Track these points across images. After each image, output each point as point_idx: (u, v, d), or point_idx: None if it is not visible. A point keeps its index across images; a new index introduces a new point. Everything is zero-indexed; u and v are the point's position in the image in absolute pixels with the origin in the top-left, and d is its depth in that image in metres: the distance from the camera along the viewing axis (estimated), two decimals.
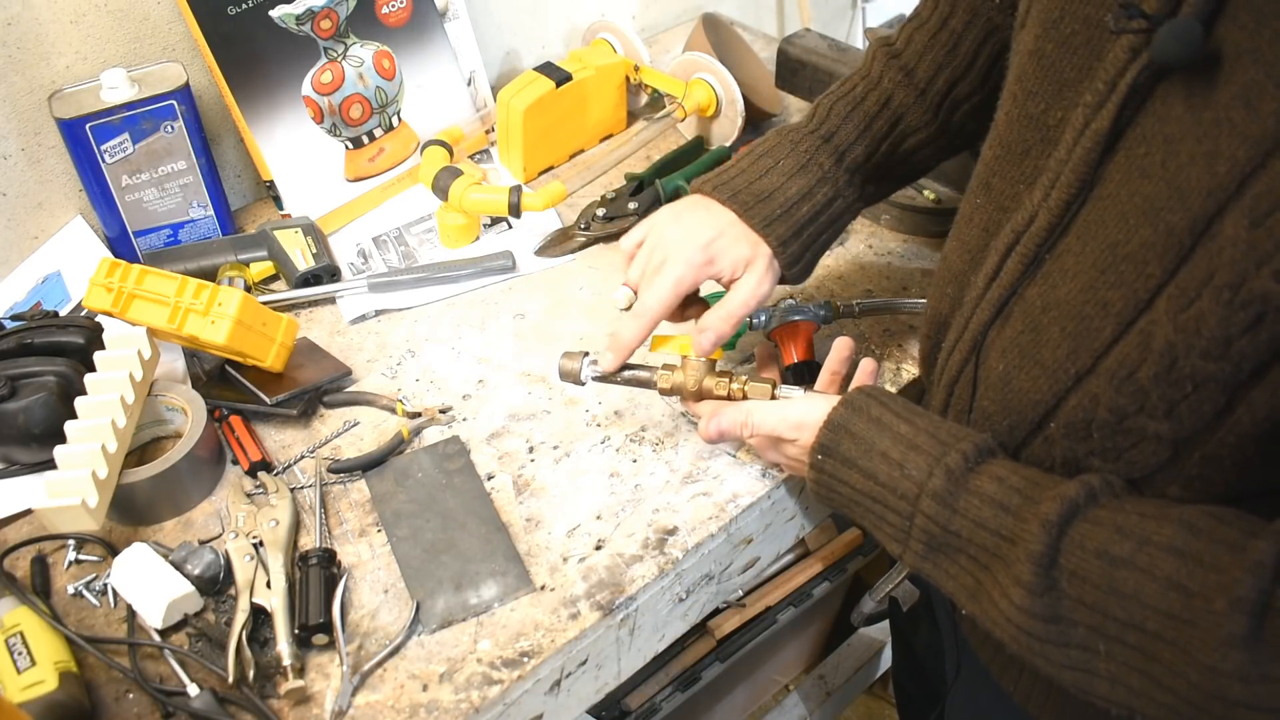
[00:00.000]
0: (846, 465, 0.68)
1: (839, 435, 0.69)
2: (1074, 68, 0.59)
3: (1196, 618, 0.50)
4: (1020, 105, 0.64)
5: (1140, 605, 0.52)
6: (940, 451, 0.63)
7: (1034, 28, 0.63)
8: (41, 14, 1.01)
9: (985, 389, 0.67)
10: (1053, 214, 0.60)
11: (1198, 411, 0.53)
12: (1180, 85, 0.52)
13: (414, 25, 1.20)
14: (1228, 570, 0.49)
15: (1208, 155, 0.50)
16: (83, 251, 1.09)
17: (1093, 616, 0.54)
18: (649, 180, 1.18)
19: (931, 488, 0.62)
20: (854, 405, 0.69)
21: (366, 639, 0.77)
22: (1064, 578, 0.55)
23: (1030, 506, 0.58)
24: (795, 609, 1.33)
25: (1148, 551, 0.52)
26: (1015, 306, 0.64)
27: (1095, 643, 0.54)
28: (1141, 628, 0.52)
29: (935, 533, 0.62)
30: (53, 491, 0.78)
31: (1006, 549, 0.58)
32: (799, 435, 0.73)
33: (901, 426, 0.66)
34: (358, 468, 0.88)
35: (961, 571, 0.61)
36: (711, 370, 0.82)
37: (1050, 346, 0.61)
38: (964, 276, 0.70)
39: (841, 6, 1.96)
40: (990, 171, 0.68)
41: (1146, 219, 0.54)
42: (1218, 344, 0.50)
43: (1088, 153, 0.57)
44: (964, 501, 0.61)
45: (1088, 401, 0.59)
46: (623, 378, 0.85)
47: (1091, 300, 0.57)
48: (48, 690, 0.70)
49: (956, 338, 0.70)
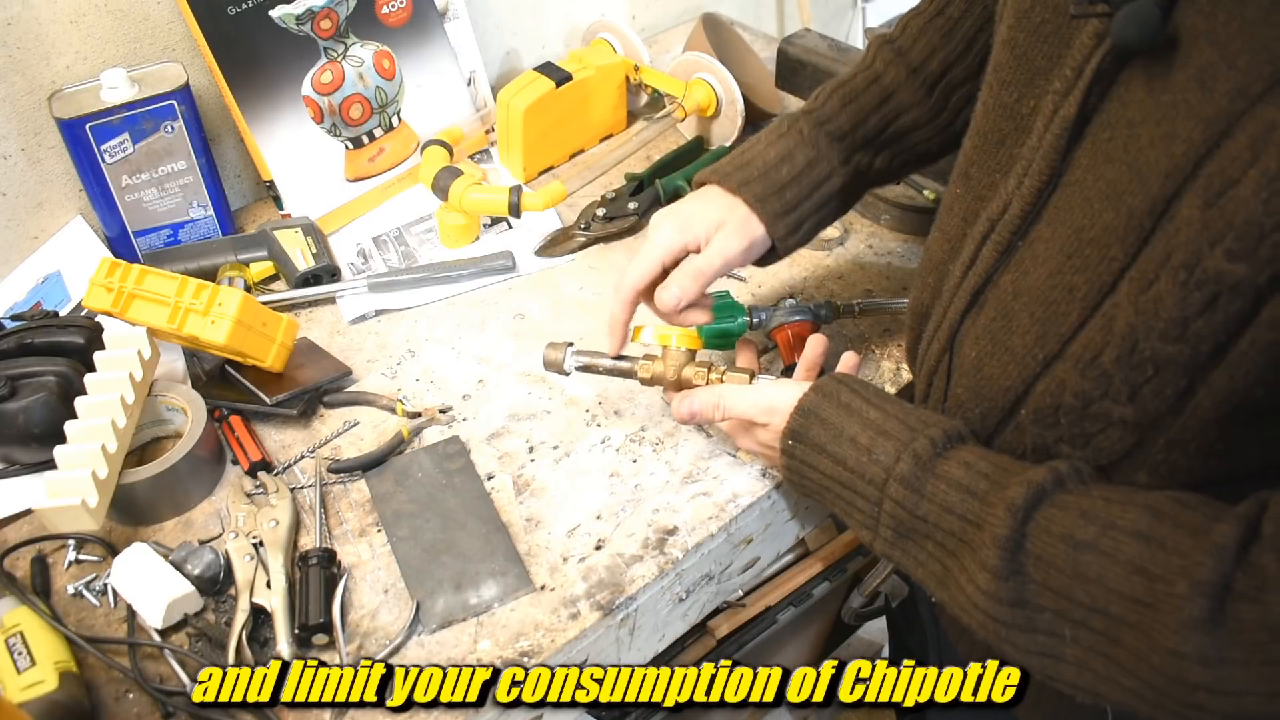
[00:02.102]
0: (816, 450, 0.68)
1: (809, 420, 0.69)
2: (1044, 56, 0.60)
3: (1158, 601, 0.50)
4: (995, 95, 0.65)
5: (1104, 589, 0.52)
6: (909, 437, 0.63)
7: (1008, 18, 0.63)
8: (41, 14, 1.01)
9: (959, 377, 0.68)
10: (1025, 201, 0.60)
11: (1159, 394, 0.53)
12: (1141, 70, 0.53)
13: (414, 25, 1.20)
14: (1189, 554, 0.49)
15: (1165, 137, 0.50)
16: (83, 251, 1.09)
17: (1058, 601, 0.54)
18: (649, 180, 1.18)
19: (899, 473, 0.62)
20: (825, 391, 0.70)
21: (366, 639, 0.77)
22: (1029, 562, 0.55)
23: (997, 491, 0.58)
24: (795, 609, 1.33)
25: (1112, 536, 0.53)
26: (989, 294, 0.64)
27: (1061, 628, 0.54)
28: (1105, 612, 0.52)
29: (903, 518, 0.62)
30: (53, 491, 0.78)
31: (973, 533, 0.58)
32: (770, 419, 0.73)
33: (871, 412, 0.66)
34: (358, 468, 0.88)
35: (930, 558, 0.62)
36: (691, 360, 0.83)
37: (1020, 333, 0.61)
38: (943, 266, 0.70)
39: (841, 6, 1.96)
40: (969, 161, 0.68)
41: (1109, 203, 0.54)
42: (1175, 325, 0.51)
43: (1057, 140, 0.58)
44: (931, 486, 0.61)
45: (1055, 387, 0.59)
46: (604, 367, 0.85)
47: (1059, 285, 0.58)
48: (48, 690, 0.70)
49: (935, 327, 0.70)
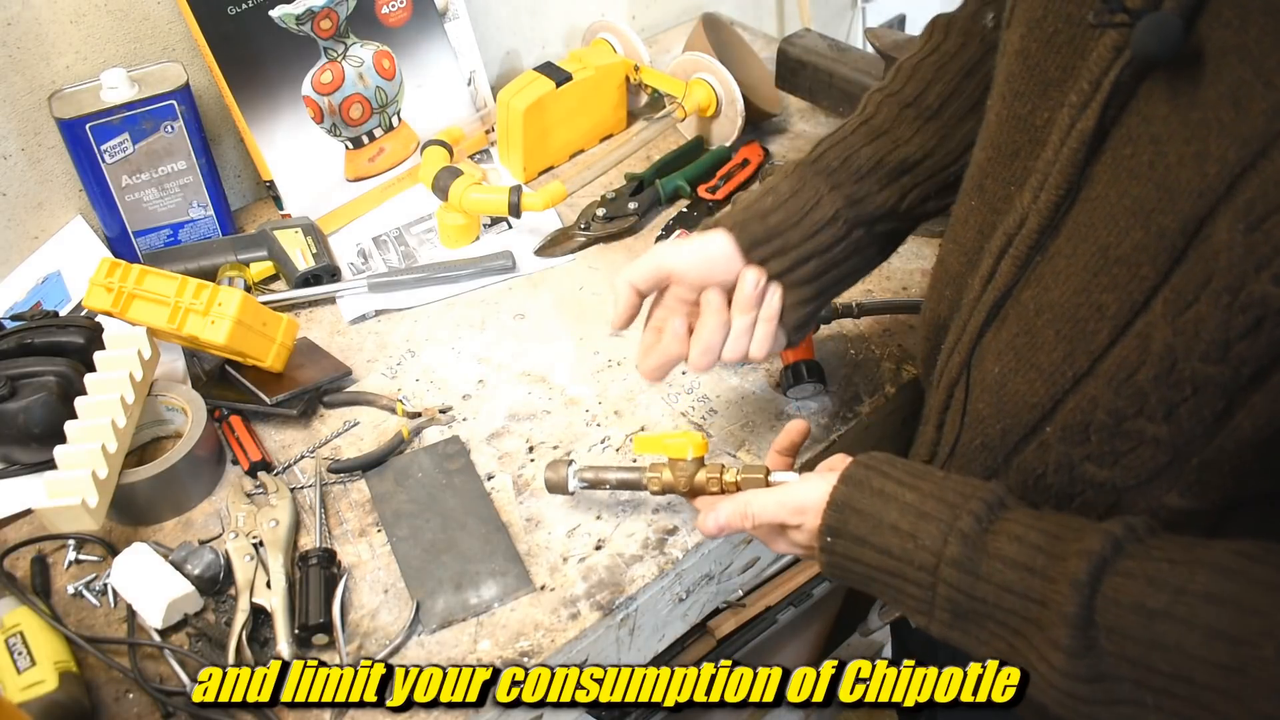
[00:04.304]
0: (858, 544, 0.65)
1: (845, 514, 0.65)
2: (1058, 67, 0.59)
3: (1246, 665, 0.48)
4: (1008, 106, 0.64)
5: (1185, 657, 0.50)
6: (951, 516, 0.61)
7: (1018, 27, 0.62)
8: (41, 14, 1.01)
9: (980, 392, 0.67)
10: (1042, 216, 0.60)
11: (1197, 415, 0.53)
12: (1164, 84, 0.52)
13: (414, 25, 1.20)
14: (1269, 614, 0.48)
15: (1196, 156, 0.49)
16: (83, 251, 1.09)
17: (1137, 671, 0.52)
18: (649, 180, 1.18)
19: (949, 556, 0.60)
20: (854, 481, 0.66)
21: (366, 639, 0.77)
22: (1102, 636, 0.54)
23: (1056, 565, 0.56)
24: (795, 609, 1.33)
25: (1185, 601, 0.51)
26: (1010, 309, 0.63)
27: (1143, 696, 0.53)
28: (1190, 679, 0.50)
29: (960, 601, 0.60)
30: (53, 491, 0.78)
31: (1038, 612, 0.56)
32: (803, 519, 0.69)
33: (907, 495, 0.63)
34: (358, 468, 0.88)
35: (993, 637, 0.60)
36: (701, 466, 0.78)
37: (1045, 350, 0.60)
38: (961, 279, 0.70)
39: (841, 6, 1.96)
40: (983, 173, 0.67)
41: (1137, 221, 0.53)
42: (1217, 347, 0.50)
43: (1074, 154, 0.57)
44: (986, 567, 0.59)
45: (1086, 404, 0.58)
46: (613, 482, 0.81)
47: (1085, 303, 0.57)
48: (48, 690, 0.70)
49: (955, 340, 0.69)
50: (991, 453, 0.67)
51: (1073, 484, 0.62)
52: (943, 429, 0.73)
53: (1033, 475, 0.64)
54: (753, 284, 0.75)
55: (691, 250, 0.76)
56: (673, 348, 0.77)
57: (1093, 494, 0.61)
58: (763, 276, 0.75)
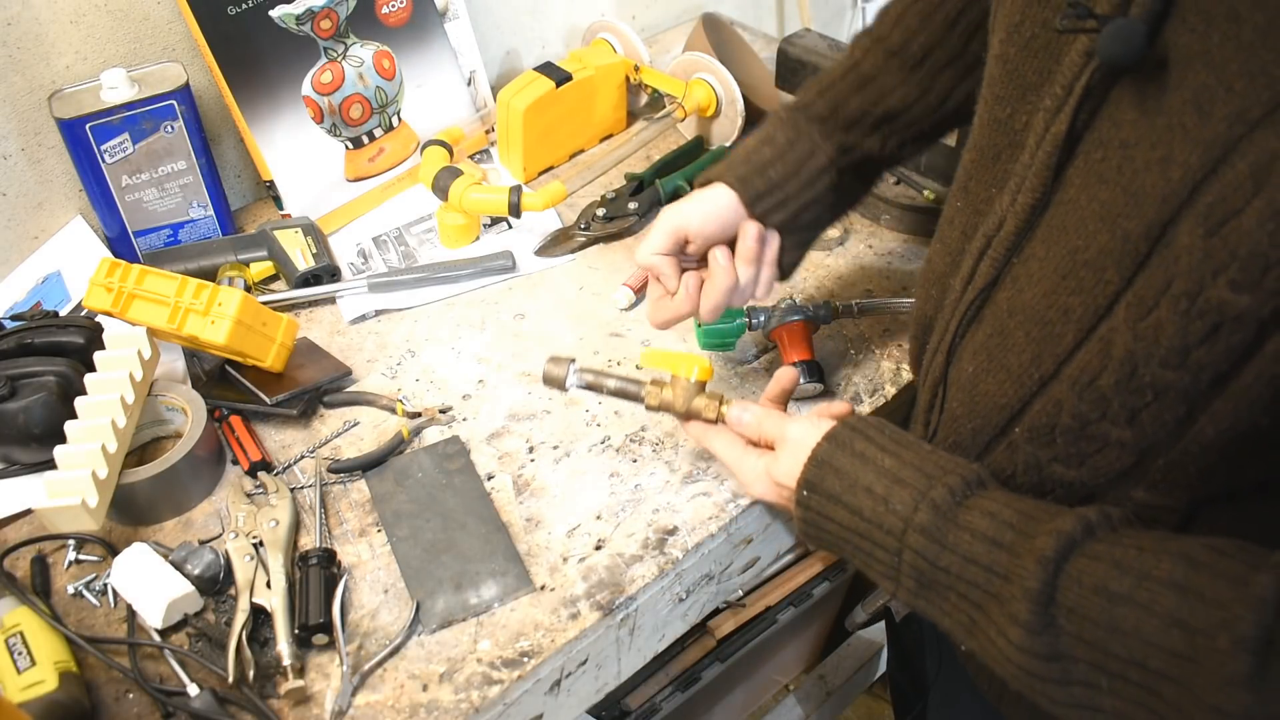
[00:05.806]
0: (831, 501, 0.66)
1: (823, 470, 0.67)
2: (1035, 71, 0.59)
3: (1199, 655, 0.48)
4: (990, 109, 0.64)
5: (1142, 642, 0.51)
6: (925, 485, 0.62)
7: (999, 31, 0.63)
8: (41, 14, 1.01)
9: (955, 391, 0.67)
10: (1019, 219, 0.60)
11: (1159, 420, 0.53)
12: (1132, 89, 0.52)
13: (414, 25, 1.20)
14: (1229, 606, 0.48)
15: (1161, 161, 0.49)
16: (83, 251, 1.09)
17: (1093, 653, 0.53)
18: (649, 180, 1.18)
19: (918, 522, 0.61)
20: (838, 440, 0.68)
21: (366, 639, 0.77)
22: (1062, 615, 0.54)
23: (1024, 542, 0.57)
24: (795, 609, 1.33)
25: (1147, 587, 0.51)
26: (987, 310, 0.64)
27: (1098, 679, 0.53)
28: (1144, 665, 0.51)
29: (924, 569, 0.61)
30: (53, 491, 0.78)
31: (1001, 586, 0.57)
32: (777, 446, 0.72)
33: (886, 460, 0.65)
34: (358, 468, 0.88)
35: (955, 609, 0.60)
36: (700, 391, 0.79)
37: (1015, 351, 0.61)
38: (945, 279, 0.70)
39: (841, 6, 1.96)
40: (968, 175, 0.68)
41: (1104, 225, 0.53)
42: (1176, 353, 0.50)
43: (1048, 157, 0.57)
44: (953, 537, 0.59)
45: (1051, 407, 0.58)
46: (610, 388, 0.82)
47: (1054, 306, 0.57)
48: (48, 690, 0.70)
49: (939, 340, 0.70)
50: (964, 452, 0.67)
51: (1042, 483, 0.62)
52: (928, 427, 0.74)
53: (1003, 475, 0.64)
54: (754, 238, 0.80)
55: (701, 208, 0.80)
56: (684, 306, 0.82)
57: (1063, 492, 0.62)
58: (762, 229, 0.80)
